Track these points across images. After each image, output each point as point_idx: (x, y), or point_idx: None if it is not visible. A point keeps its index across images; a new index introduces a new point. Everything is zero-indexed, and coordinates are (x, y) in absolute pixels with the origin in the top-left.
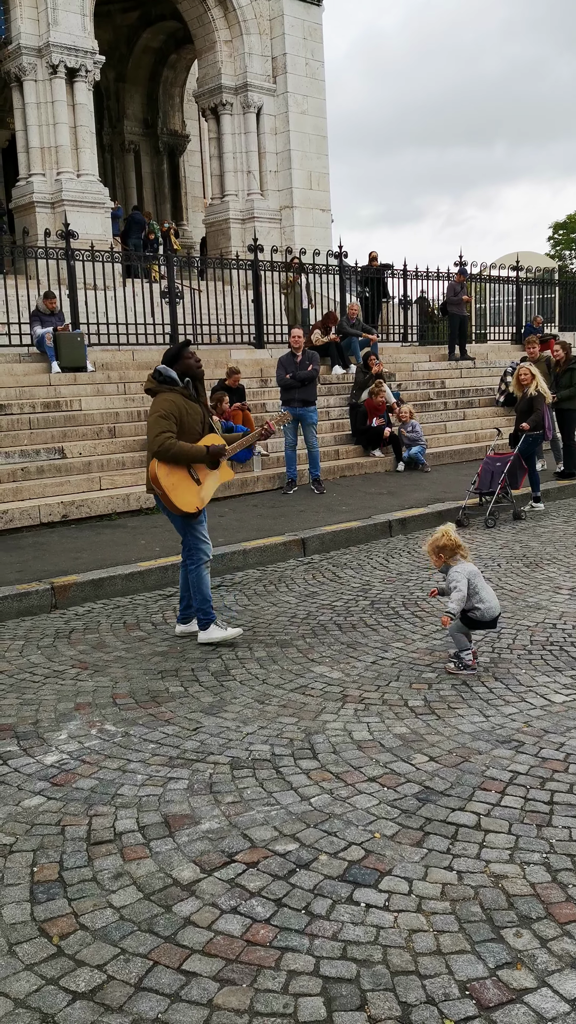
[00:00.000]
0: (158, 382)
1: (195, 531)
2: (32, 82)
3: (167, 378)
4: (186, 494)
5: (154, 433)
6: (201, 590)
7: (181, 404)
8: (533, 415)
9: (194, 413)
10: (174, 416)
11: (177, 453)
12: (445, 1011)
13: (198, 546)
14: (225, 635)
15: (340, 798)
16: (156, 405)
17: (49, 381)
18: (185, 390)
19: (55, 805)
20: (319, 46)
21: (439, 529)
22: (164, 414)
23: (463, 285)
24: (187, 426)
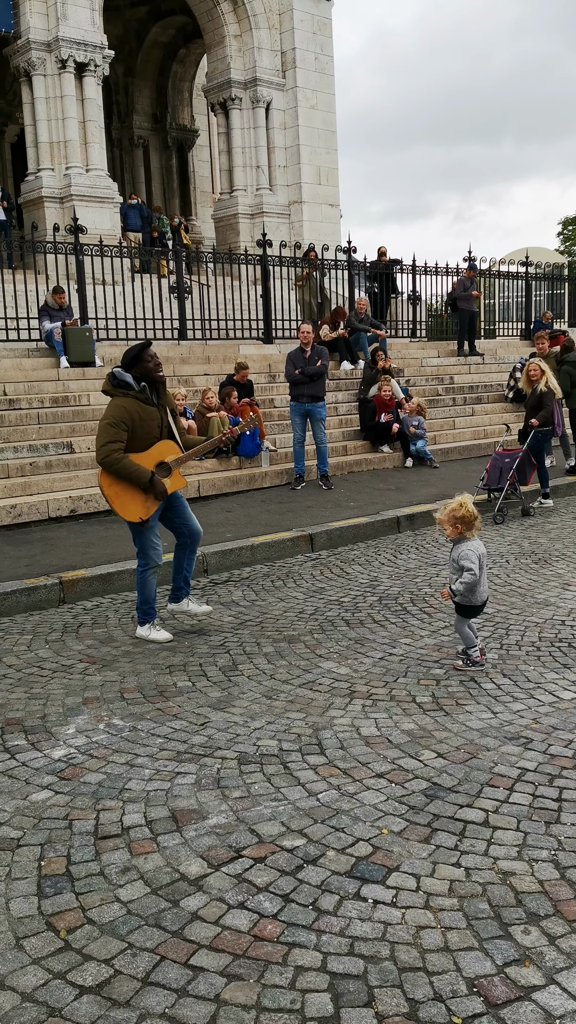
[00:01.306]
0: (113, 386)
1: (143, 536)
2: (41, 77)
3: (121, 382)
4: (130, 504)
5: (101, 442)
6: (144, 592)
7: (133, 410)
8: (542, 411)
9: (149, 418)
10: (124, 424)
11: (120, 470)
12: (453, 1008)
13: (146, 551)
14: (158, 636)
15: (348, 794)
16: (107, 411)
17: (58, 376)
18: (140, 394)
19: (63, 799)
20: (328, 41)
21: (456, 499)
22: (113, 422)
23: (472, 281)
24: (140, 432)
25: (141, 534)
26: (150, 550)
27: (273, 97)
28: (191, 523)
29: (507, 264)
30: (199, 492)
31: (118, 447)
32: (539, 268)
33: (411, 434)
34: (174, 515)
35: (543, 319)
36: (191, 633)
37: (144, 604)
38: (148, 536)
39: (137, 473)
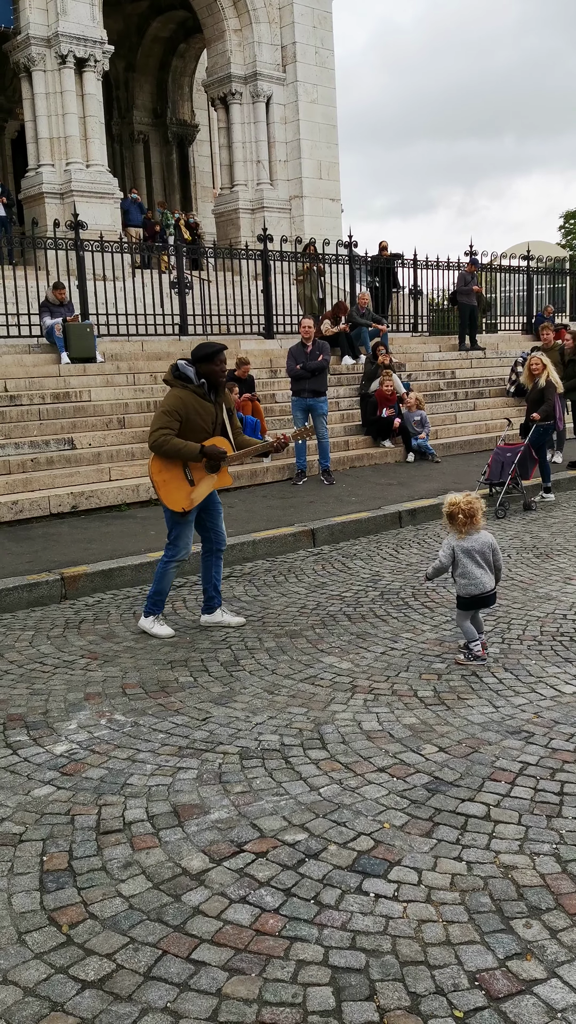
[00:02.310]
0: (174, 376)
1: (180, 527)
2: (41, 72)
3: (183, 374)
4: (176, 492)
5: (153, 427)
6: (161, 583)
7: (190, 402)
8: (544, 405)
9: (204, 413)
10: (178, 413)
11: (169, 450)
12: (454, 1002)
13: (177, 542)
14: (160, 631)
15: (349, 788)
16: (165, 400)
17: (59, 372)
18: (198, 388)
19: (64, 794)
20: (329, 35)
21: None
22: (168, 410)
23: (474, 275)
24: (194, 424)
25: (178, 525)
26: (182, 543)
27: (273, 91)
28: (221, 528)
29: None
30: None
31: (169, 433)
32: (540, 262)
33: (413, 429)
34: (208, 516)
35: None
36: (192, 628)
37: (157, 595)
38: (184, 529)
39: (187, 448)
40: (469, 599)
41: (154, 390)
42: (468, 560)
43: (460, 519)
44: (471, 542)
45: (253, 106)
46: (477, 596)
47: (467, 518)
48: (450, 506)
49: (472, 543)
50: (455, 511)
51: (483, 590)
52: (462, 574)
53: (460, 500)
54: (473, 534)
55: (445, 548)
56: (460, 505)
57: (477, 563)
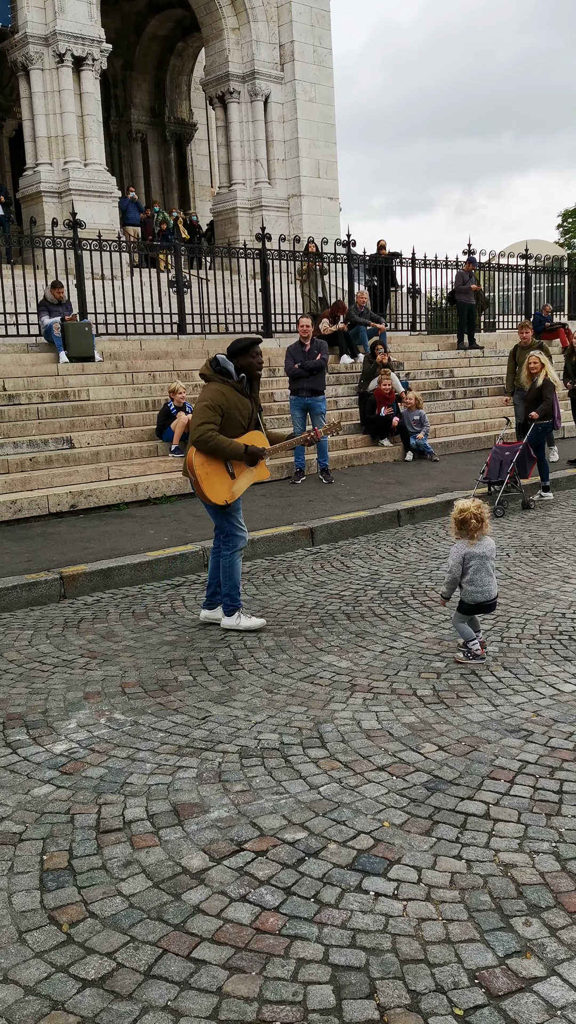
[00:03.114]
0: (213, 371)
1: (230, 518)
2: (39, 71)
3: (223, 369)
4: (218, 486)
5: (197, 422)
6: (232, 576)
7: (231, 397)
8: (542, 404)
9: (243, 408)
10: (220, 408)
11: (215, 446)
12: (454, 1000)
13: (234, 533)
14: (249, 624)
15: (349, 787)
16: (205, 394)
17: (57, 371)
18: (237, 383)
19: (64, 794)
20: (327, 33)
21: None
22: (211, 404)
23: (472, 274)
24: (232, 419)
25: (225, 517)
26: (237, 531)
27: (272, 90)
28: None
29: (507, 257)
30: None
31: (213, 428)
32: (539, 261)
33: (413, 428)
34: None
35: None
36: (192, 627)
37: (233, 590)
38: (233, 518)
39: (232, 447)
40: (474, 605)
41: (152, 389)
42: (479, 566)
43: (473, 524)
44: (482, 548)
45: (251, 105)
46: (482, 603)
47: (479, 523)
48: (461, 512)
49: (483, 549)
50: (467, 516)
51: (488, 597)
52: (470, 581)
53: (471, 506)
54: (482, 540)
55: (455, 558)
56: (472, 511)
57: (488, 570)
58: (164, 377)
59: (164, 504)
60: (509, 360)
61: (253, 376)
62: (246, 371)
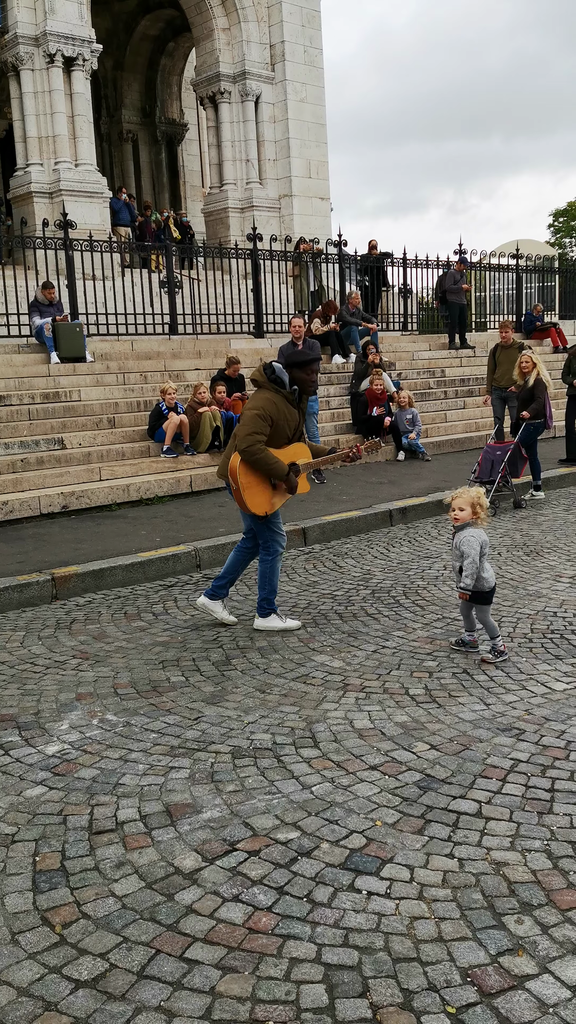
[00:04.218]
0: (267, 378)
1: (270, 523)
2: (29, 71)
3: (277, 378)
4: (258, 496)
5: (246, 431)
6: (271, 580)
7: (281, 407)
8: (534, 403)
9: (291, 419)
10: (271, 417)
11: (261, 460)
12: (447, 998)
13: (274, 538)
14: (285, 625)
15: (341, 786)
16: (257, 401)
17: (48, 372)
18: (290, 395)
19: (57, 795)
20: (317, 33)
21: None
22: (262, 414)
23: (463, 273)
24: (280, 429)
25: (265, 525)
26: (277, 538)
27: (262, 90)
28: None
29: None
30: (191, 487)
31: (262, 439)
32: (529, 260)
33: (405, 428)
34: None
35: (534, 311)
36: (184, 628)
37: (271, 594)
38: (273, 526)
39: (277, 466)
40: (490, 591)
41: (144, 390)
42: (487, 551)
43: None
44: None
45: (242, 105)
46: (494, 588)
47: (483, 508)
48: (480, 497)
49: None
50: (481, 501)
51: (495, 581)
52: (485, 568)
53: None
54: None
55: (475, 545)
56: (481, 498)
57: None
58: (156, 377)
59: (156, 505)
60: (489, 360)
61: (305, 391)
62: (299, 384)
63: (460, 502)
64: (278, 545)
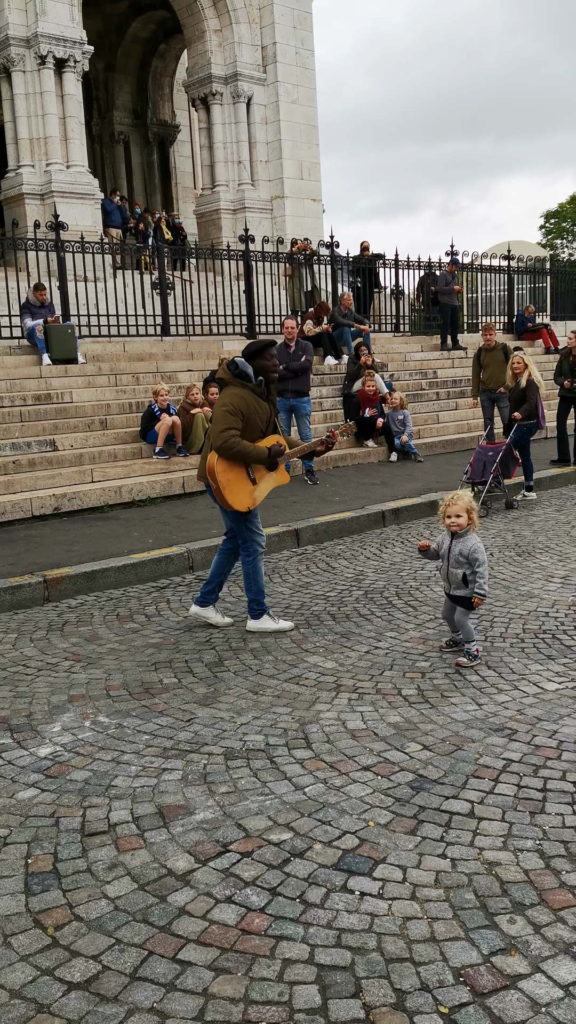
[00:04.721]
0: (232, 375)
1: (249, 523)
2: (20, 73)
3: (242, 372)
4: (240, 493)
5: (220, 428)
6: (257, 581)
7: (250, 401)
8: (526, 404)
9: (262, 412)
10: (241, 412)
11: (239, 452)
12: (439, 997)
13: (252, 538)
14: (278, 626)
15: (334, 787)
16: (225, 398)
17: (40, 373)
18: (257, 387)
19: (49, 797)
20: (309, 35)
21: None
22: (232, 410)
23: (455, 275)
24: (252, 424)
25: (244, 523)
26: (256, 537)
27: (254, 92)
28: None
29: (489, 258)
30: (184, 488)
31: (236, 433)
32: (521, 261)
33: (397, 429)
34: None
35: (525, 312)
36: (176, 629)
37: (259, 595)
38: (252, 524)
39: (256, 452)
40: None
41: (136, 391)
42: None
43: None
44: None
45: (234, 106)
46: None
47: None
48: (472, 502)
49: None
50: (473, 506)
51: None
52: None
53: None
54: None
55: (482, 549)
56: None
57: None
58: (148, 379)
59: (148, 506)
60: (474, 363)
61: (269, 379)
62: (262, 374)
63: (457, 509)
64: (257, 545)
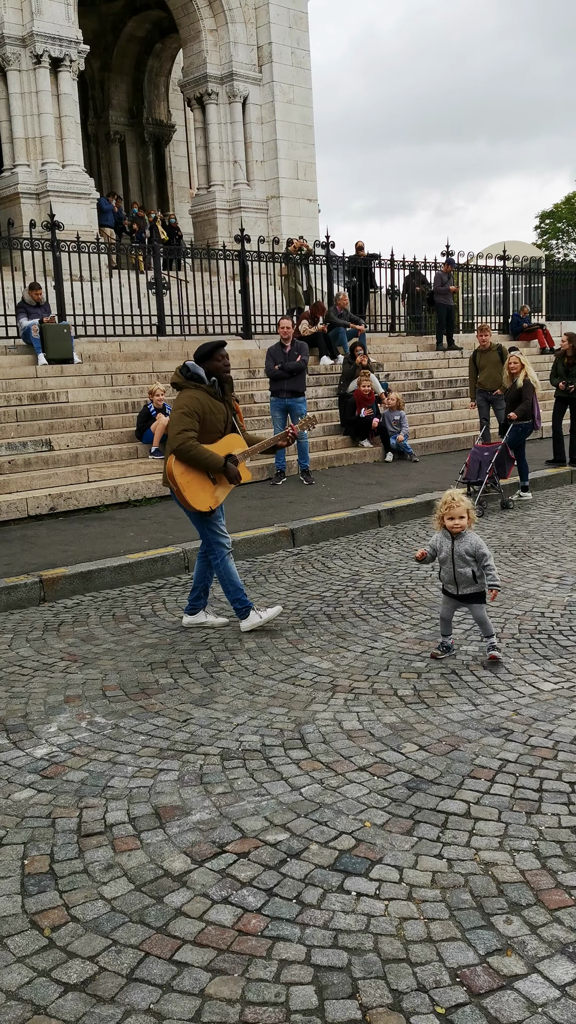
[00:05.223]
0: (185, 378)
1: (212, 526)
2: (16, 72)
3: (194, 375)
4: (200, 493)
5: (176, 430)
6: (232, 581)
7: (205, 402)
8: (521, 404)
9: (218, 412)
10: (197, 414)
11: (195, 456)
12: (436, 998)
13: (217, 540)
14: (266, 617)
15: (330, 788)
16: (180, 401)
17: (35, 373)
18: (211, 388)
19: (45, 797)
20: (305, 35)
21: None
22: (187, 411)
23: (450, 275)
24: (209, 424)
25: (208, 524)
26: (220, 539)
27: (250, 92)
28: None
29: (485, 258)
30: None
31: (192, 435)
32: (516, 262)
33: (393, 429)
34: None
35: (521, 313)
36: (173, 630)
37: (237, 590)
38: (216, 525)
39: (212, 459)
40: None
41: (132, 391)
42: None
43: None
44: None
45: (229, 106)
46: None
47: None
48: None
49: None
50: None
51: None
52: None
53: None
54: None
55: (483, 540)
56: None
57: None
58: (143, 379)
59: (144, 506)
60: (470, 365)
61: (223, 379)
62: (215, 374)
63: (459, 511)
64: (222, 546)
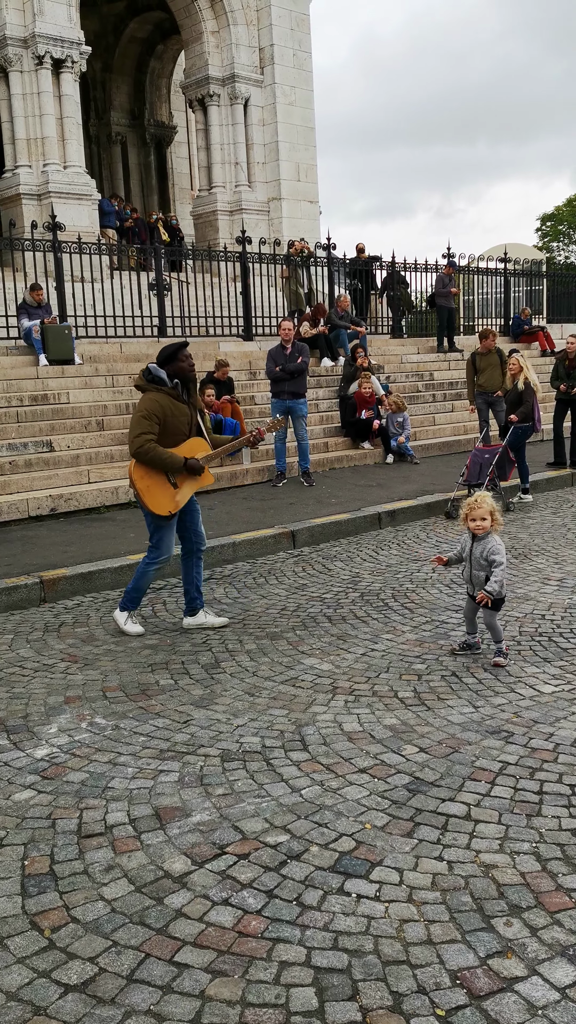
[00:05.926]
0: (147, 381)
1: (164, 530)
2: (18, 73)
3: (155, 377)
4: (160, 497)
5: (134, 433)
6: (140, 582)
7: (166, 405)
8: (522, 407)
9: (180, 415)
10: (157, 417)
11: (154, 458)
12: (436, 1000)
13: (160, 545)
14: (129, 629)
15: (331, 789)
16: (141, 404)
17: (36, 374)
18: (173, 391)
19: (45, 798)
20: (307, 37)
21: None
22: (146, 414)
23: (451, 277)
24: (172, 427)
25: (162, 528)
26: (164, 545)
27: (251, 93)
28: (200, 529)
29: (486, 260)
30: None
31: (151, 437)
32: (517, 264)
33: (395, 431)
34: (187, 518)
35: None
36: (173, 631)
37: (134, 592)
38: (167, 531)
39: (171, 460)
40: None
41: (132, 392)
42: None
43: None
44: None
45: (231, 108)
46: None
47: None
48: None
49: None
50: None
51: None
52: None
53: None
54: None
55: (502, 551)
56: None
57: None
58: None
59: None
60: (468, 367)
61: (187, 380)
62: (179, 376)
63: (482, 512)
64: (163, 553)
